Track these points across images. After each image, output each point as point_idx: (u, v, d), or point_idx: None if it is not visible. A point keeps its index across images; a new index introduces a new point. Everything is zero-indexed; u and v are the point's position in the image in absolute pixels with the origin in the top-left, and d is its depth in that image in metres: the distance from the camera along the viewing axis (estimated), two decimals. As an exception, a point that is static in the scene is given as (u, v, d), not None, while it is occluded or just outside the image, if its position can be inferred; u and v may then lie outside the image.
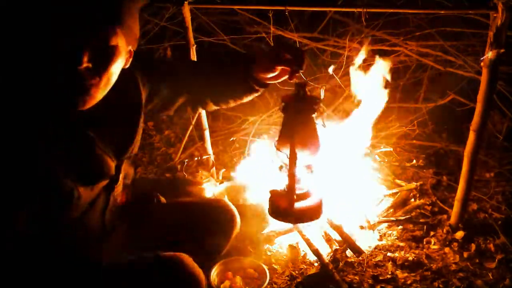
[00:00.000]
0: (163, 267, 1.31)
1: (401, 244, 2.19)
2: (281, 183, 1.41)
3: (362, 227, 2.34)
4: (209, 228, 1.65)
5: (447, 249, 2.12)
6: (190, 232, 1.57)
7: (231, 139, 3.33)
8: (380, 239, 2.27)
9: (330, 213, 2.32)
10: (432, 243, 2.19)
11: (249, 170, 2.65)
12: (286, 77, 1.38)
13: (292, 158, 1.27)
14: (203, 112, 2.50)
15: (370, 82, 2.25)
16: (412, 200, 2.59)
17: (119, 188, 1.39)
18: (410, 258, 2.05)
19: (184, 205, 1.74)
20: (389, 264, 2.02)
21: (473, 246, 2.12)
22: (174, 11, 2.46)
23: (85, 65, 1.03)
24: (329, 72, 1.55)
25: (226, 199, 1.67)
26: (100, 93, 1.12)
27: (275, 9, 2.27)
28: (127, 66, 1.22)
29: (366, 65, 2.23)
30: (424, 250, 2.14)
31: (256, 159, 2.92)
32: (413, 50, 2.87)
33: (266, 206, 1.43)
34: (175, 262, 1.33)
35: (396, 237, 2.28)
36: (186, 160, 2.89)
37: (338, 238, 2.21)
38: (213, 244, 1.65)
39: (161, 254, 1.34)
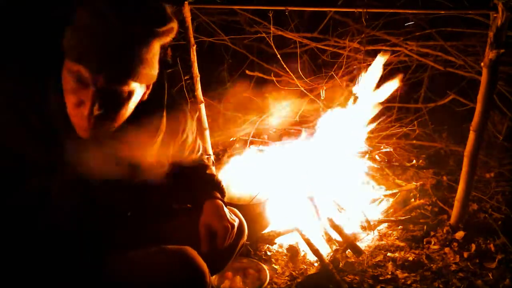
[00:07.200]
0: (168, 257, 1.31)
1: (401, 244, 2.19)
2: None
3: (362, 227, 2.35)
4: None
5: (447, 249, 2.12)
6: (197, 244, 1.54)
7: (231, 139, 3.33)
8: (380, 239, 2.27)
9: (330, 213, 2.32)
10: (432, 243, 2.19)
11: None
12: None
13: None
14: (203, 112, 2.50)
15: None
16: (412, 200, 2.59)
17: None
18: (410, 258, 2.05)
19: (193, 214, 1.69)
20: (389, 264, 2.02)
21: (473, 246, 2.12)
22: (174, 11, 2.46)
23: (96, 113, 1.09)
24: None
25: (237, 212, 1.64)
26: (113, 126, 1.17)
27: (275, 9, 2.27)
28: (145, 98, 1.25)
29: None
30: (424, 250, 2.14)
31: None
32: (413, 50, 2.87)
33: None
34: (180, 253, 1.33)
35: (396, 237, 2.28)
36: None
37: (338, 238, 2.21)
38: (221, 256, 1.62)
39: (165, 246, 1.34)
